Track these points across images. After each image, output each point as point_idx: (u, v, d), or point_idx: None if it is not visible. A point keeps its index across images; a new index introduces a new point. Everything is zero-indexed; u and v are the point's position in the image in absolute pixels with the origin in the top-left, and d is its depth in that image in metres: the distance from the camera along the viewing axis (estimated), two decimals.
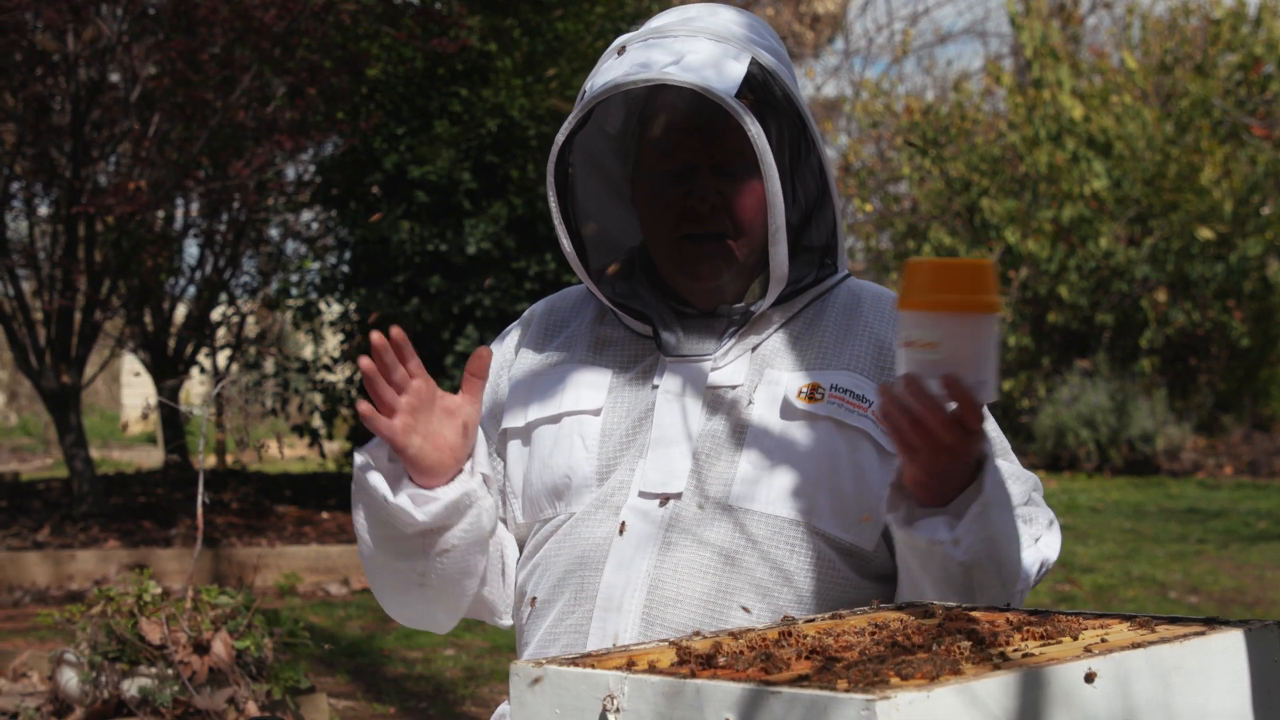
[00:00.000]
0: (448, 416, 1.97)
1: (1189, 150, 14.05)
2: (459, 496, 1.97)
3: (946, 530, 1.84)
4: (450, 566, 2.03)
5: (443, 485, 1.98)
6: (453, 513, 1.98)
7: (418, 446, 1.95)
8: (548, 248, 9.25)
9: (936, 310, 1.75)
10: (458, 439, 1.98)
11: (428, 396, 1.97)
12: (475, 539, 2.01)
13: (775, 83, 2.04)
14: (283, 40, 8.10)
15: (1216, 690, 1.54)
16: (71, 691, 4.28)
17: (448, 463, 1.97)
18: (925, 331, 1.75)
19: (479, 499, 1.99)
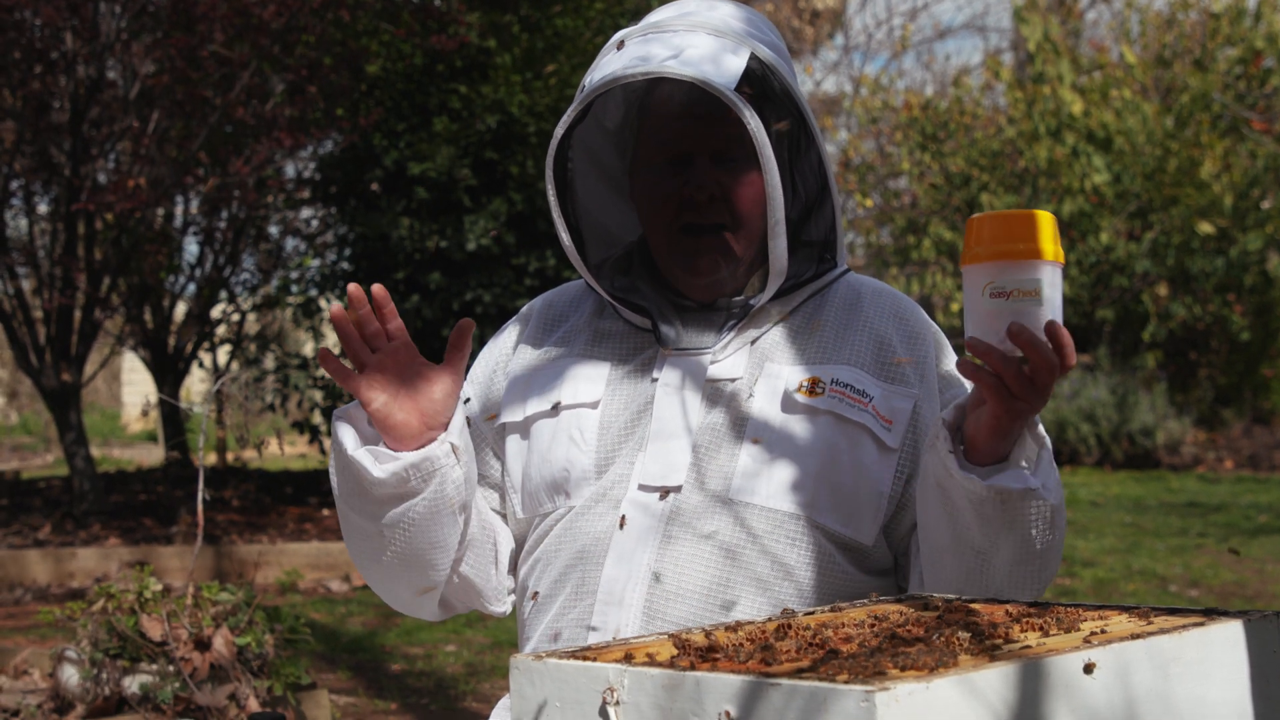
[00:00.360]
0: (425, 384, 1.97)
1: (1189, 145, 14.05)
2: (420, 460, 1.95)
3: (1033, 478, 1.85)
4: (415, 538, 2.01)
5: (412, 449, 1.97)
6: (414, 476, 1.95)
7: (382, 403, 1.94)
8: (547, 244, 9.25)
9: (1036, 259, 1.76)
10: (431, 406, 1.96)
11: (405, 359, 1.96)
12: (438, 509, 1.99)
13: (774, 77, 2.05)
14: (282, 37, 8.10)
15: (1216, 681, 1.54)
16: (73, 688, 4.28)
17: (416, 427, 1.96)
18: (1025, 280, 1.76)
19: (443, 467, 1.97)
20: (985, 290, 1.77)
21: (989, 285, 1.77)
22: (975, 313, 1.80)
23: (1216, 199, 13.96)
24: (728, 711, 1.35)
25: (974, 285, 1.79)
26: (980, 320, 1.79)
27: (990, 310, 1.78)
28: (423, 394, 1.96)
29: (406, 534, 2.00)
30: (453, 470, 1.98)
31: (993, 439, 1.84)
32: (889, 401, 2.04)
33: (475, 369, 2.24)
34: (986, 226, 1.78)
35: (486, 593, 2.15)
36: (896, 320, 2.11)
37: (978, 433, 1.84)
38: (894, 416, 2.03)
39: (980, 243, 1.78)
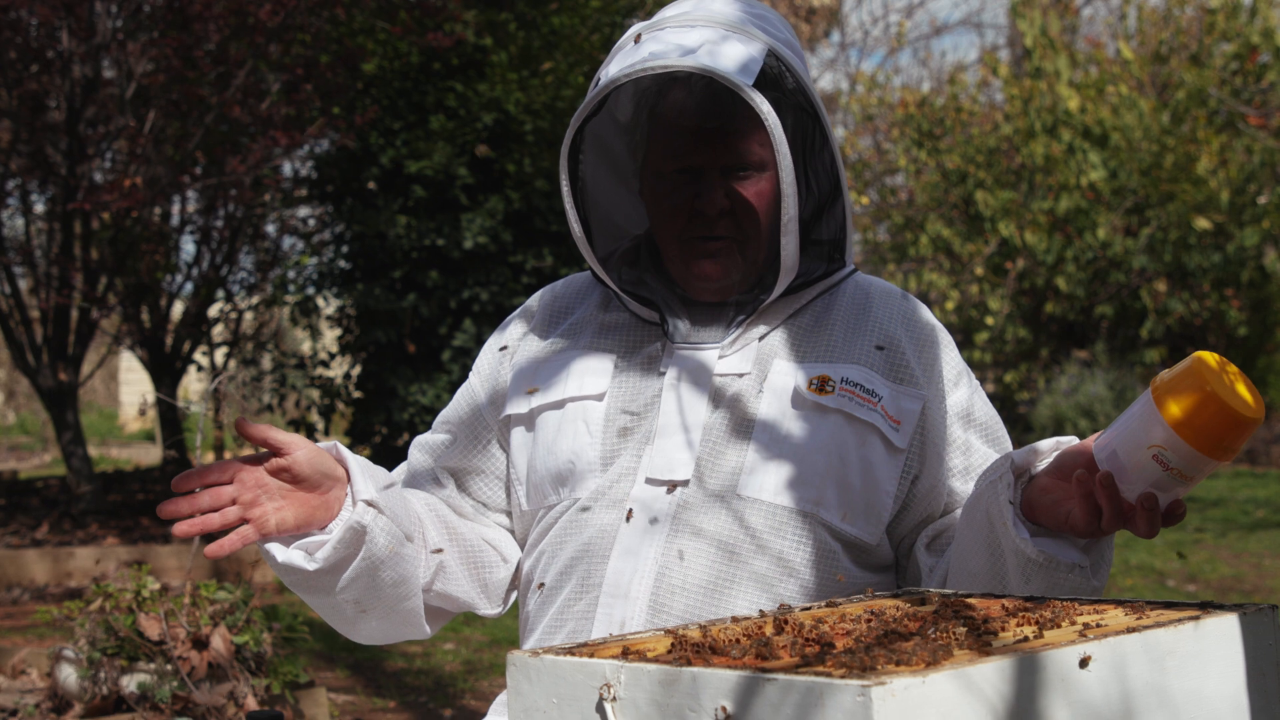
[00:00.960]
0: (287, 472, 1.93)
1: (1185, 140, 14.05)
2: (345, 532, 1.94)
3: (1084, 555, 1.87)
4: (373, 589, 2.01)
5: (334, 520, 1.95)
6: (345, 549, 1.95)
7: (277, 522, 1.93)
8: (545, 242, 9.25)
9: (1216, 459, 1.73)
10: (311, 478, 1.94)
11: (255, 479, 1.93)
12: (378, 560, 1.98)
13: (789, 73, 2.04)
14: (278, 36, 8.10)
15: (1212, 674, 1.54)
16: (70, 688, 4.28)
17: (316, 502, 1.95)
18: (1194, 471, 1.74)
19: (369, 526, 1.95)
20: (1152, 450, 1.74)
21: (1159, 449, 1.74)
22: (1131, 451, 1.76)
23: (1213, 194, 13.96)
24: (724, 706, 1.35)
25: (1149, 429, 1.74)
26: (1129, 458, 1.76)
27: (1145, 466, 1.75)
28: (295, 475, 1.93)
29: (363, 590, 2.00)
30: (377, 521, 1.96)
31: (1055, 524, 1.86)
32: (898, 402, 2.04)
33: (481, 361, 2.23)
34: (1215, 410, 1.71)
35: (473, 600, 2.15)
36: (905, 321, 2.11)
37: (1043, 507, 1.86)
38: (902, 417, 2.03)
39: (1188, 407, 1.72)
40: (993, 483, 1.89)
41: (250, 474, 1.94)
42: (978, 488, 1.93)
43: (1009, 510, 1.86)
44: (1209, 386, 1.71)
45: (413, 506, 2.08)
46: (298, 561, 1.95)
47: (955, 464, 2.07)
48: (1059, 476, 1.85)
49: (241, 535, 1.92)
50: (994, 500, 1.88)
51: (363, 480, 1.97)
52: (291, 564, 1.95)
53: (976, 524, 1.92)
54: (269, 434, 1.92)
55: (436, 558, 2.08)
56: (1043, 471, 1.87)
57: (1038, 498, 1.86)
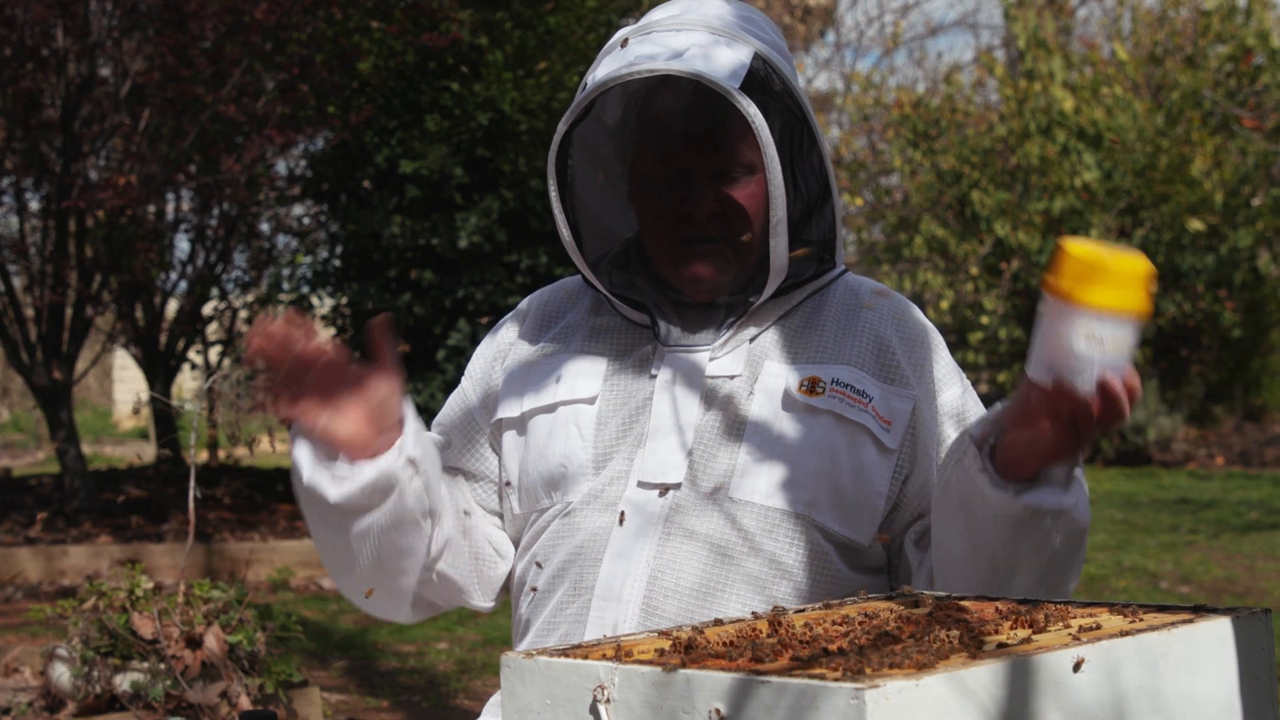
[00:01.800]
0: (364, 390, 1.94)
1: (1179, 142, 14.07)
2: (376, 477, 1.94)
3: (1067, 496, 1.86)
4: (381, 549, 2.00)
5: (367, 461, 1.95)
6: (371, 494, 1.94)
7: (324, 424, 1.93)
8: (539, 241, 9.24)
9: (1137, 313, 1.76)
10: (377, 410, 1.94)
11: (337, 371, 1.93)
12: (400, 520, 1.98)
13: (777, 76, 2.05)
14: (273, 34, 8.09)
15: (1205, 677, 1.54)
16: (64, 686, 4.28)
17: (366, 434, 1.94)
18: (1119, 334, 1.76)
19: (400, 480, 1.95)
20: (1082, 338, 1.76)
21: (1090, 333, 1.76)
22: (1064, 353, 1.77)
23: (1207, 196, 13.98)
24: (718, 709, 1.35)
25: (1067, 321, 1.76)
26: (1065, 360, 1.77)
27: (1081, 355, 1.76)
28: (363, 400, 1.94)
29: (373, 545, 2.00)
30: (411, 482, 1.96)
31: (1038, 464, 1.85)
32: (888, 402, 2.04)
33: (473, 365, 2.24)
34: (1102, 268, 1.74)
35: (469, 589, 2.15)
36: (896, 321, 2.11)
37: (1020, 455, 1.84)
38: (893, 417, 2.04)
39: (1085, 282, 1.75)
40: (958, 462, 1.88)
41: (336, 368, 1.93)
42: (944, 475, 1.92)
43: (983, 479, 1.85)
44: (1094, 259, 1.75)
45: (441, 478, 2.07)
46: (322, 486, 1.94)
47: None
48: (1020, 426, 1.84)
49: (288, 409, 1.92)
50: (964, 478, 1.87)
51: (414, 438, 1.97)
52: (315, 486, 1.94)
53: (950, 509, 1.91)
54: (386, 350, 1.93)
55: (444, 536, 2.07)
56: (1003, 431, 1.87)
57: (1009, 453, 1.85)
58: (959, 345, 14.49)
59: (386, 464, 1.94)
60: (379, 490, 1.95)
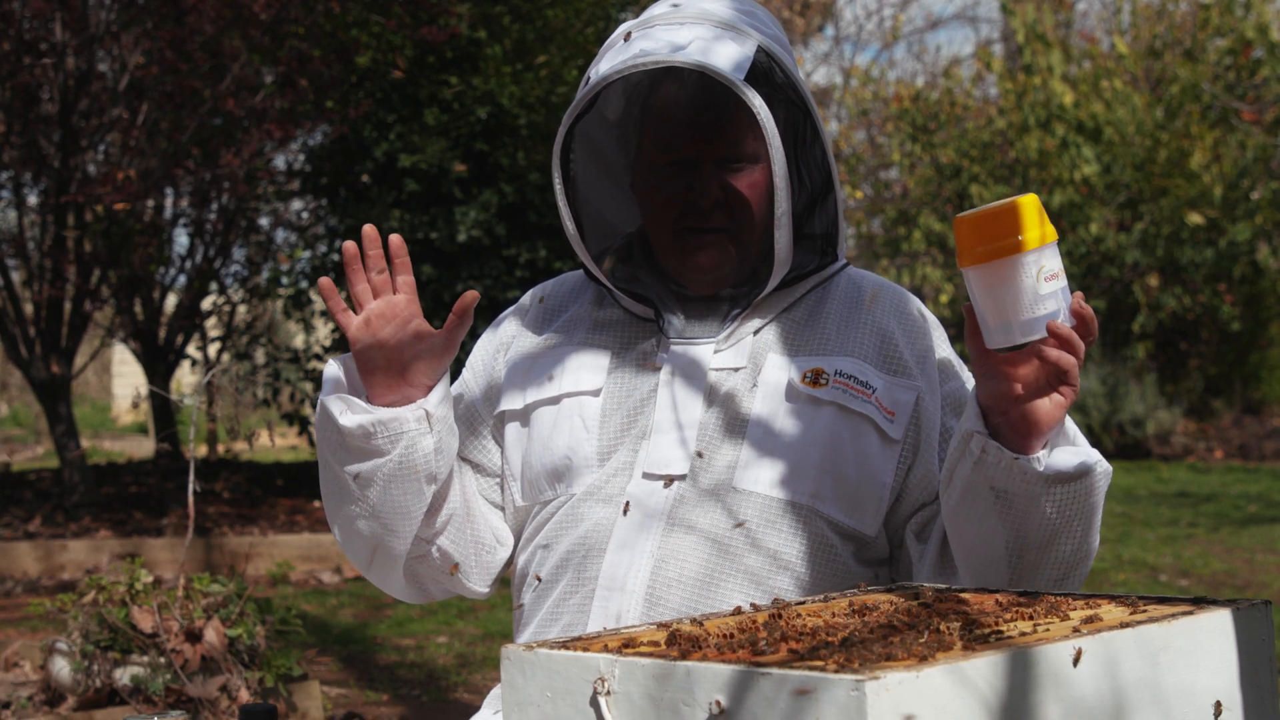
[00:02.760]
0: (416, 341, 1.99)
1: (1179, 135, 14.07)
2: (389, 418, 1.97)
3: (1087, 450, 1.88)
4: (380, 498, 2.01)
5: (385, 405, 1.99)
6: (380, 433, 1.97)
7: (366, 345, 1.97)
8: (538, 235, 9.24)
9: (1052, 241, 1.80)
10: (416, 364, 1.99)
11: (406, 314, 1.99)
12: (404, 473, 2.00)
13: (779, 69, 2.05)
14: (271, 29, 8.08)
15: (1205, 669, 1.55)
16: (64, 680, 4.28)
17: (396, 381, 1.99)
18: (1054, 262, 1.80)
19: (411, 431, 1.98)
20: (1040, 275, 1.78)
21: (1041, 270, 1.78)
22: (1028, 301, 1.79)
23: (1206, 190, 13.97)
24: (718, 700, 1.35)
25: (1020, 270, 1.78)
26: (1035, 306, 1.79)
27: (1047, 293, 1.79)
28: (410, 349, 1.98)
29: (375, 491, 2.01)
30: (422, 438, 1.99)
31: (1049, 426, 1.86)
32: (892, 393, 2.05)
33: (474, 357, 2.24)
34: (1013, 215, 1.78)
35: (467, 569, 2.14)
36: (898, 314, 2.12)
37: (1030, 426, 1.86)
38: (896, 408, 2.04)
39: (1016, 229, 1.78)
40: (977, 461, 1.88)
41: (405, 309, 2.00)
42: (956, 479, 1.91)
43: (1021, 464, 1.85)
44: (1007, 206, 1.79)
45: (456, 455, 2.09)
46: (336, 409, 1.98)
47: None
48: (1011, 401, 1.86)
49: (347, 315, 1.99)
50: (995, 471, 1.87)
51: (438, 400, 2.01)
52: (329, 409, 1.98)
53: (979, 507, 1.90)
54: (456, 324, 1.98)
55: (449, 510, 2.09)
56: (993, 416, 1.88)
57: (1020, 430, 1.86)
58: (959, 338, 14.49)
59: (401, 410, 1.98)
60: (389, 433, 1.98)
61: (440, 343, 2.00)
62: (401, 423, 1.97)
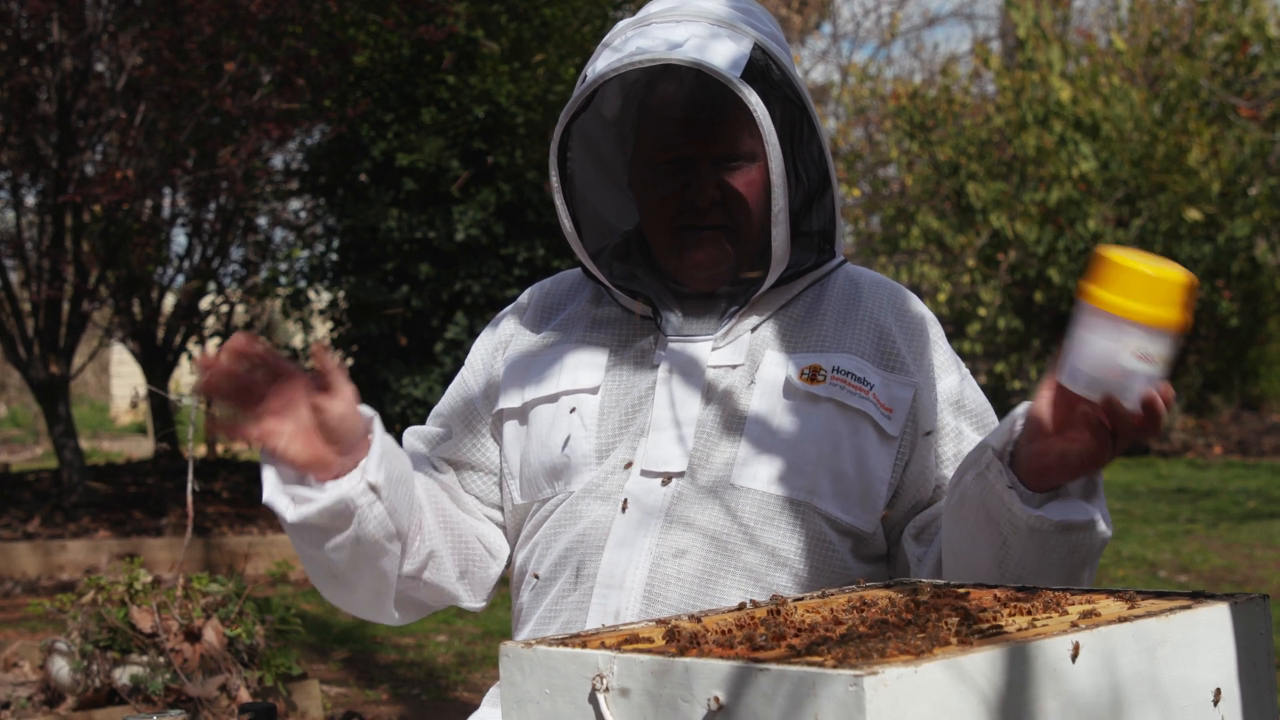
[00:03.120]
0: (320, 411, 1.90)
1: (1176, 131, 14.07)
2: (333, 502, 1.90)
3: (1093, 508, 1.87)
4: (351, 566, 1.99)
5: (332, 480, 1.92)
6: (330, 517, 1.92)
7: (284, 443, 1.89)
8: (536, 234, 9.24)
9: (1181, 329, 1.76)
10: (336, 430, 1.91)
11: (293, 391, 1.90)
12: (361, 544, 1.96)
13: (776, 66, 2.05)
14: (268, 28, 8.08)
15: (1203, 664, 1.55)
16: (63, 680, 4.28)
17: (329, 456, 1.91)
18: (1167, 348, 1.76)
19: (360, 507, 1.92)
20: (1133, 351, 1.75)
21: (1141, 348, 1.75)
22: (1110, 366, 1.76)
23: (1204, 186, 13.98)
24: (717, 697, 1.35)
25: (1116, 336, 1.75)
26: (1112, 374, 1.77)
27: (1130, 370, 1.76)
28: (323, 421, 1.90)
29: (342, 560, 1.98)
30: (371, 508, 1.93)
31: (1068, 475, 1.85)
32: (889, 390, 2.05)
33: (474, 356, 2.24)
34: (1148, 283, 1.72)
35: (457, 594, 2.15)
36: (895, 310, 2.12)
37: (1050, 465, 1.84)
38: (894, 405, 2.05)
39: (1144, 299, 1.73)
40: (979, 475, 1.88)
41: (292, 389, 1.90)
42: (961, 485, 1.91)
43: (1011, 495, 1.85)
44: (1153, 271, 1.73)
45: (416, 497, 2.05)
46: (280, 507, 1.93)
47: (946, 451, 2.08)
48: (1045, 435, 1.84)
49: (247, 432, 1.89)
50: (987, 492, 1.87)
51: (377, 462, 1.93)
52: (274, 506, 1.93)
53: (972, 521, 1.90)
54: (333, 374, 1.89)
55: (428, 548, 2.07)
56: (1022, 442, 1.86)
57: (1038, 463, 1.85)
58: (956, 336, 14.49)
59: (345, 489, 1.91)
60: (338, 515, 1.92)
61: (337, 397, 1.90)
62: (347, 501, 1.91)
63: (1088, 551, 1.86)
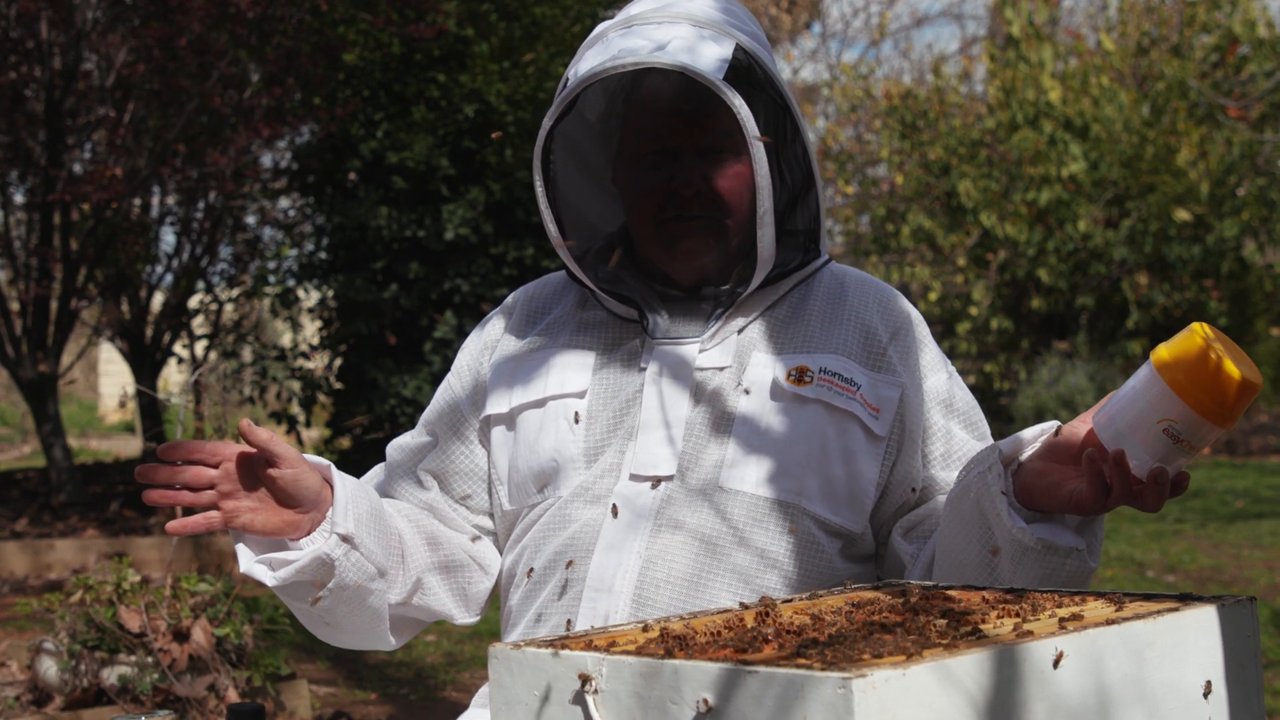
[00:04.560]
0: (271, 480, 1.95)
1: (1165, 132, 14.10)
2: (310, 561, 1.96)
3: (1080, 538, 1.86)
4: (338, 612, 2.04)
5: (305, 536, 1.97)
6: (312, 574, 1.97)
7: (246, 521, 1.95)
8: (526, 233, 9.24)
9: (1225, 426, 1.73)
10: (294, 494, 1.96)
11: (242, 470, 1.95)
12: (345, 591, 2.00)
13: (758, 67, 2.05)
14: (258, 26, 8.07)
15: (1190, 666, 1.55)
16: (51, 680, 4.27)
17: (295, 518, 1.96)
18: (1198, 437, 1.73)
19: (337, 558, 1.97)
20: (1162, 423, 1.73)
21: (1169, 422, 1.73)
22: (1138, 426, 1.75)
23: (1193, 186, 14.01)
24: (705, 699, 1.35)
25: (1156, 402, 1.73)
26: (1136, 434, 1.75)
27: (1154, 440, 1.75)
28: (277, 489, 1.95)
29: (331, 608, 2.03)
30: (348, 556, 1.98)
31: (1057, 507, 1.85)
32: (876, 390, 2.05)
33: (460, 361, 2.24)
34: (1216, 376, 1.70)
35: (450, 613, 2.17)
36: (881, 310, 2.12)
37: (1044, 490, 1.85)
38: (881, 405, 2.05)
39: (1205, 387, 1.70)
40: (981, 474, 1.88)
41: (234, 464, 1.95)
42: (964, 480, 1.92)
43: (1002, 500, 1.85)
44: (1216, 355, 1.70)
45: (393, 528, 2.07)
46: (260, 575, 1.97)
47: (935, 451, 2.08)
48: (1054, 459, 1.84)
49: (208, 520, 1.94)
50: (984, 491, 1.88)
51: (344, 511, 1.98)
52: (253, 576, 1.98)
53: (965, 516, 1.91)
54: (271, 444, 1.93)
55: (415, 575, 2.10)
56: (1034, 456, 1.87)
57: (1034, 482, 1.85)
58: (947, 336, 14.51)
59: (318, 547, 1.96)
60: (316, 572, 1.97)
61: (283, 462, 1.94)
62: (322, 557, 1.96)
63: (1069, 576, 1.87)
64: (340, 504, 1.98)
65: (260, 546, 1.99)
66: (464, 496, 2.18)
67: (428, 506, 2.18)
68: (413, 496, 2.19)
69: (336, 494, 1.98)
